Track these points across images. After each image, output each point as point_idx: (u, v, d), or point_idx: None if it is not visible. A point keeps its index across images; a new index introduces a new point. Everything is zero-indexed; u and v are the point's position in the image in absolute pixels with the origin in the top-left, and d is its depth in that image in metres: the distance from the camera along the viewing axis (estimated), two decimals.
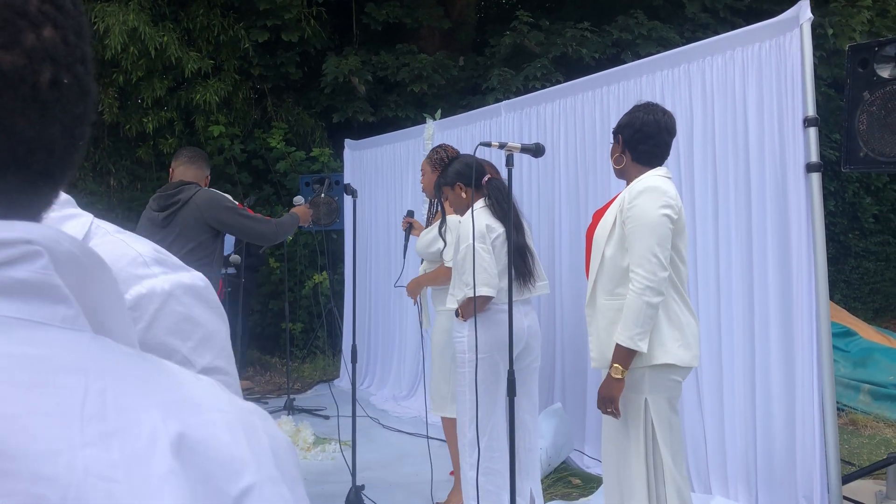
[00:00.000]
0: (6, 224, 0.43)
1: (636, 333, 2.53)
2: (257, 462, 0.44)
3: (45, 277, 0.43)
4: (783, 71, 3.54)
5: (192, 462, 0.41)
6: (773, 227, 3.57)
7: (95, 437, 0.39)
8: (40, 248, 0.43)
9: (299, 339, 8.10)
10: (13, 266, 0.42)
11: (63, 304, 0.44)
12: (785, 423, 3.50)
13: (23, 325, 0.42)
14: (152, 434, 0.41)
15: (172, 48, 7.27)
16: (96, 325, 0.47)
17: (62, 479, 0.37)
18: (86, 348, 0.43)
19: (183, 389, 0.45)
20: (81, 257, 0.46)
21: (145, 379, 0.44)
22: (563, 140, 4.73)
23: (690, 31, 8.42)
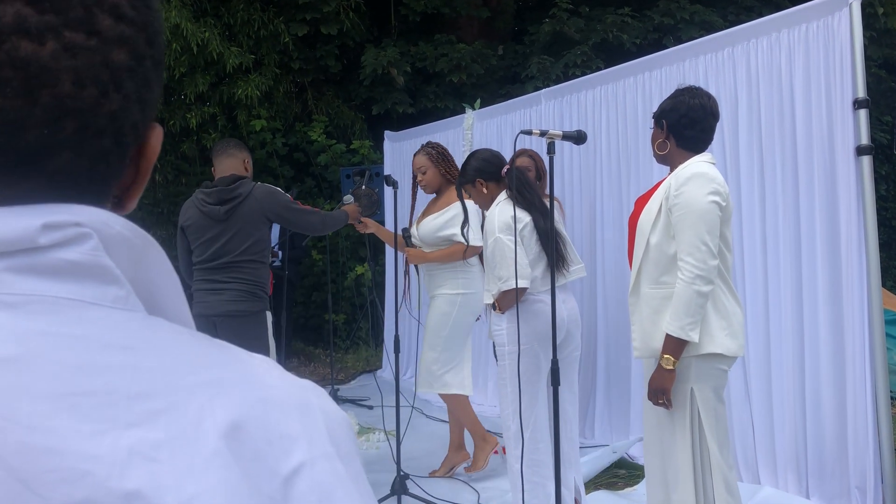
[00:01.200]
0: (56, 207, 0.43)
1: (687, 323, 2.50)
2: (309, 439, 0.44)
3: (95, 259, 0.44)
4: (831, 52, 3.45)
5: (240, 441, 0.41)
6: (821, 213, 3.48)
7: (141, 417, 0.40)
8: (90, 231, 0.44)
9: (342, 330, 8.17)
10: (64, 248, 0.43)
11: (114, 284, 0.44)
12: (836, 412, 3.43)
13: (73, 305, 0.42)
14: (199, 413, 0.41)
15: (214, 44, 7.36)
16: (150, 305, 0.48)
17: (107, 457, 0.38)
18: (136, 328, 0.44)
19: (234, 367, 0.45)
20: (133, 238, 0.46)
21: (196, 358, 0.44)
22: (605, 127, 4.68)
23: (734, 14, 8.26)
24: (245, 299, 3.52)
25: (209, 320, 3.53)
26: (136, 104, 0.48)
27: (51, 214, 0.43)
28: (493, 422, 5.23)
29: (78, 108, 0.44)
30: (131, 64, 0.47)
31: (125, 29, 0.46)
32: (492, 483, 3.99)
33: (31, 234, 0.42)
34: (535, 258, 3.30)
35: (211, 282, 3.56)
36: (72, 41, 0.43)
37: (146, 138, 0.51)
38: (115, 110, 0.46)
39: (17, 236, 0.42)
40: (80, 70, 0.44)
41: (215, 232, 3.57)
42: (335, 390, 5.99)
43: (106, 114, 0.45)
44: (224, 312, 3.49)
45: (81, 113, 0.44)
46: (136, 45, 0.47)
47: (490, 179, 3.42)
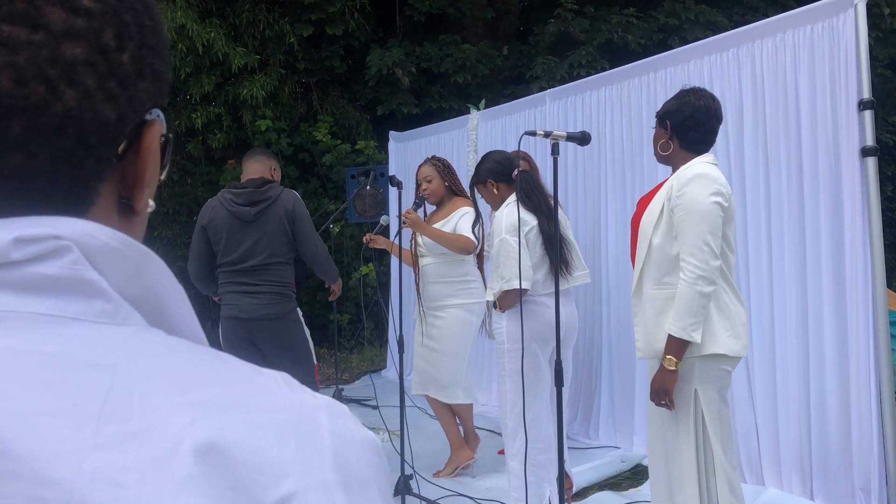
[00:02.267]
0: (33, 220, 0.42)
1: (690, 324, 2.49)
2: (305, 466, 0.41)
3: (75, 272, 0.42)
4: (836, 53, 3.44)
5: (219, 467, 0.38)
6: (826, 214, 3.48)
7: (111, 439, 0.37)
8: (69, 243, 0.42)
9: (347, 330, 8.18)
10: (40, 262, 0.41)
11: (99, 298, 0.42)
12: (840, 413, 3.42)
13: (50, 321, 0.40)
14: (177, 436, 0.38)
15: (219, 44, 7.38)
16: (155, 317, 0.46)
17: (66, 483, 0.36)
18: (121, 343, 0.41)
19: (230, 386, 0.42)
20: (124, 250, 0.44)
21: (186, 376, 0.41)
22: (609, 128, 4.68)
23: (739, 15, 8.24)
24: (278, 301, 3.62)
25: (243, 324, 3.60)
26: (103, 101, 0.45)
27: (24, 228, 0.41)
28: (497, 422, 5.24)
29: (21, 106, 0.42)
30: (91, 58, 0.44)
31: (81, 22, 0.44)
32: (495, 483, 3.99)
33: (3, 249, 0.40)
34: (538, 261, 3.35)
35: (241, 284, 3.61)
36: (10, 36, 0.41)
37: (139, 135, 0.49)
38: (72, 107, 0.43)
39: None
40: (20, 66, 0.41)
41: (244, 233, 3.62)
42: (340, 390, 6.00)
43: (59, 112, 0.43)
44: (261, 316, 3.57)
45: (26, 111, 0.42)
46: (99, 38, 0.45)
47: (501, 181, 3.50)
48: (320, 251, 3.78)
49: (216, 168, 8.28)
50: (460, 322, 4.00)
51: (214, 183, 8.15)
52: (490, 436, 4.95)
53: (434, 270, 4.01)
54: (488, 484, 3.99)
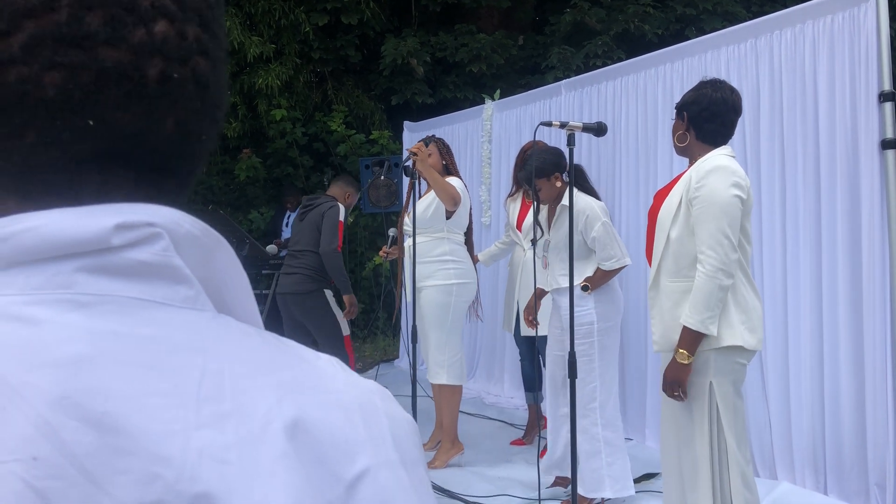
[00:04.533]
0: (130, 207, 0.44)
1: (707, 317, 2.48)
2: (374, 445, 0.44)
3: (165, 259, 0.44)
4: (857, 44, 3.40)
5: (306, 444, 0.41)
6: (843, 207, 3.44)
7: (210, 419, 0.40)
8: (161, 231, 0.44)
9: (360, 319, 8.20)
10: (136, 248, 0.43)
11: (184, 284, 0.44)
12: (854, 408, 3.40)
13: (143, 305, 0.42)
14: (267, 416, 0.41)
15: (235, 33, 7.39)
16: (219, 304, 0.47)
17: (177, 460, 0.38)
18: (205, 328, 0.44)
19: (302, 369, 0.45)
20: (202, 238, 0.47)
21: (264, 359, 0.44)
22: (625, 119, 4.65)
23: (758, 5, 8.16)
24: (304, 281, 4.51)
25: (282, 298, 4.60)
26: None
27: (125, 214, 0.43)
28: (509, 413, 5.25)
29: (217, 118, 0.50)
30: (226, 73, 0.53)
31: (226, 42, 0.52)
32: (505, 472, 4.00)
33: (105, 234, 0.42)
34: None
35: (287, 266, 4.62)
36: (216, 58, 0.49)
37: None
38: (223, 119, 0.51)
39: (90, 237, 0.42)
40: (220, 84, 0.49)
41: (296, 228, 4.69)
42: None
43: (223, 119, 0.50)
44: (292, 291, 4.53)
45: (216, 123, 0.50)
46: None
47: (563, 173, 3.60)
48: (331, 247, 4.43)
49: (231, 157, 8.31)
50: (434, 303, 4.06)
51: (229, 172, 8.18)
52: (503, 427, 4.96)
53: (418, 250, 4.03)
54: (500, 473, 4.00)
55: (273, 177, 8.26)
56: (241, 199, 8.25)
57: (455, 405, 4.18)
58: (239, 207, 8.22)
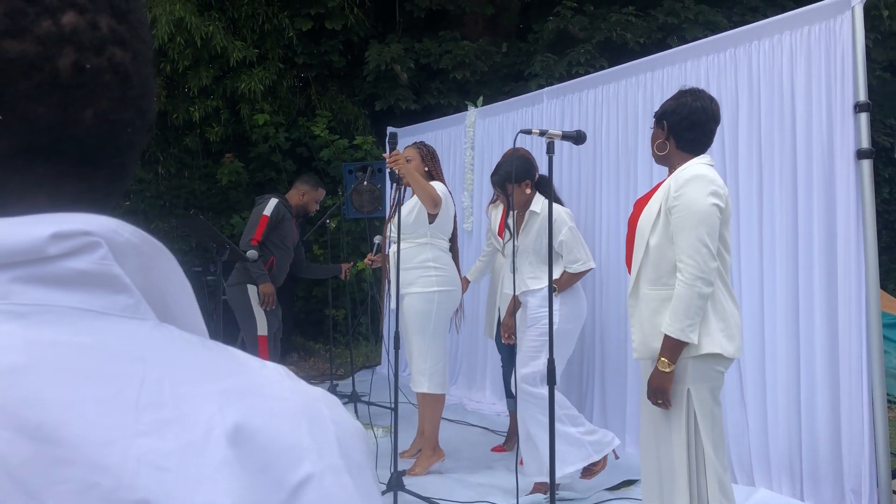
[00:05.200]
0: (65, 216, 0.43)
1: (687, 325, 2.50)
2: (318, 451, 0.44)
3: (103, 268, 0.43)
4: (833, 55, 3.45)
5: (249, 451, 0.41)
6: (819, 215, 3.49)
7: (150, 426, 0.39)
8: (99, 239, 0.43)
9: (342, 325, 8.18)
10: (73, 257, 0.42)
11: (123, 293, 0.44)
12: (830, 414, 3.43)
13: (82, 315, 0.42)
14: (208, 423, 0.41)
15: (218, 37, 7.37)
16: (162, 312, 0.47)
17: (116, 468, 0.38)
18: (146, 337, 0.44)
19: (245, 377, 0.45)
20: (142, 245, 0.46)
21: (206, 367, 0.44)
22: (606, 127, 4.68)
23: (739, 15, 8.24)
24: (234, 275, 4.86)
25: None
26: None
27: (60, 224, 0.43)
28: (490, 419, 5.25)
29: (144, 108, 0.49)
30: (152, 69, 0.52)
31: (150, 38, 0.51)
32: (486, 479, 4.01)
33: (40, 244, 0.42)
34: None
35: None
36: (136, 49, 0.48)
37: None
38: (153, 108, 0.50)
39: (25, 246, 0.41)
40: (144, 73, 0.49)
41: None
42: (334, 385, 6.00)
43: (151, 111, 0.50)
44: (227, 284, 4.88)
45: (145, 113, 0.49)
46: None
47: (533, 180, 3.74)
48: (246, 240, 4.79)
49: (214, 161, 8.28)
50: (416, 311, 4.05)
51: (211, 176, 8.15)
52: (484, 433, 4.96)
53: (401, 256, 4.03)
54: (481, 480, 4.00)
55: (256, 181, 8.23)
56: (224, 204, 8.21)
57: (437, 413, 4.18)
58: (221, 212, 8.19)
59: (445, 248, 4.16)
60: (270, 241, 4.90)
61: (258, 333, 4.77)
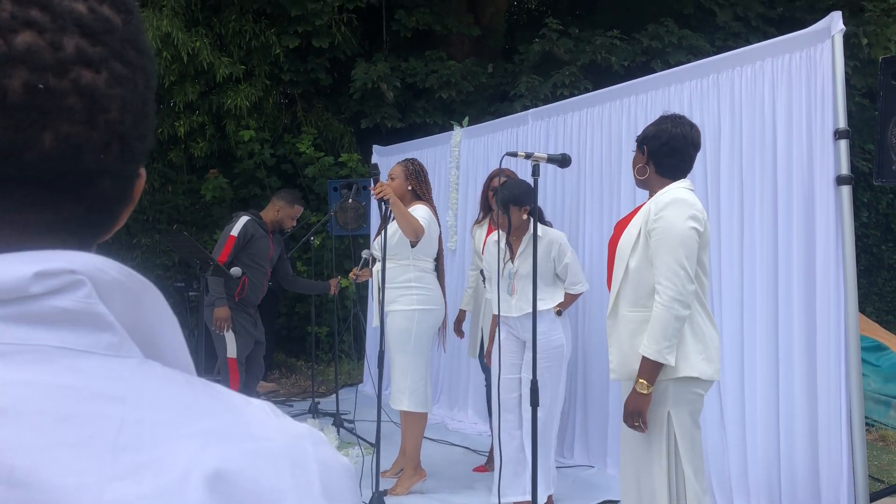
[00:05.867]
0: (51, 254, 0.43)
1: (665, 347, 2.52)
2: (299, 492, 0.43)
3: (88, 306, 0.43)
4: (813, 82, 3.50)
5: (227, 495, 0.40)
6: (798, 240, 3.53)
7: (127, 470, 0.39)
8: (83, 277, 0.43)
9: (325, 342, 8.15)
10: (56, 296, 0.42)
11: (107, 331, 0.44)
12: (809, 437, 3.46)
13: (64, 353, 0.42)
14: (187, 466, 0.40)
15: (204, 53, 7.37)
16: (149, 349, 0.47)
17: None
18: (128, 375, 0.43)
19: (228, 416, 0.44)
20: (128, 283, 0.46)
21: (189, 406, 0.44)
22: (590, 149, 4.72)
23: (721, 40, 8.36)
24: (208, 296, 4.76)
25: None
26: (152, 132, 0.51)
27: (44, 262, 0.42)
28: (472, 439, 5.24)
29: (122, 133, 0.47)
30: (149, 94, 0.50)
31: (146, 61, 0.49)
32: (467, 499, 4.00)
33: (24, 282, 0.41)
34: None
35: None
36: (117, 71, 0.47)
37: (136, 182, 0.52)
38: (146, 135, 0.49)
39: (8, 285, 0.41)
40: (124, 97, 0.47)
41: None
42: (316, 403, 5.97)
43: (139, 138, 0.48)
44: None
45: (124, 138, 0.47)
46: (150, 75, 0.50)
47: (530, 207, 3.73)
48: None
49: (198, 177, 8.25)
50: (397, 329, 4.06)
51: (195, 192, 8.12)
52: (466, 453, 4.95)
53: (386, 275, 4.03)
54: (462, 500, 3.99)
55: (240, 197, 8.21)
56: (207, 219, 8.18)
57: (419, 432, 4.17)
58: (205, 227, 8.15)
59: (429, 268, 4.16)
60: (240, 260, 4.84)
61: (227, 355, 4.75)
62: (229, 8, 8.03)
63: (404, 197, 4.16)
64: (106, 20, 0.47)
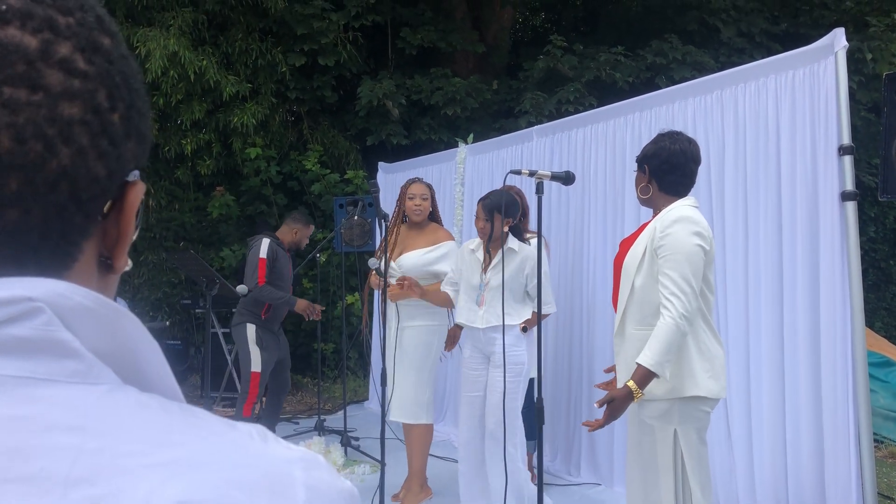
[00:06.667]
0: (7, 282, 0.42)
1: (665, 360, 2.52)
2: None
3: (47, 333, 0.41)
4: (817, 99, 3.51)
5: None
6: (803, 256, 3.52)
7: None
8: (41, 304, 0.42)
9: (331, 359, 8.15)
10: (13, 324, 0.41)
11: (72, 358, 0.42)
12: (816, 454, 3.43)
13: (22, 383, 0.40)
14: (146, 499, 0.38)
15: (211, 72, 7.42)
16: (129, 375, 0.45)
17: None
18: (92, 404, 0.41)
19: (203, 445, 0.42)
20: (98, 309, 0.44)
21: (158, 435, 0.41)
22: (594, 166, 4.73)
23: (725, 56, 8.39)
24: (236, 315, 4.97)
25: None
26: (95, 158, 0.46)
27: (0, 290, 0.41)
28: None
29: (20, 163, 0.43)
30: (86, 118, 0.45)
31: (77, 83, 0.45)
32: None
33: None
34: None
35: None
36: (11, 97, 0.43)
37: (122, 194, 0.50)
38: (67, 164, 0.44)
39: None
40: (20, 126, 0.43)
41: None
42: (322, 420, 5.96)
43: (55, 168, 0.44)
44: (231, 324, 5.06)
45: (24, 168, 0.43)
46: (93, 98, 0.46)
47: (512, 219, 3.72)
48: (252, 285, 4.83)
49: (204, 194, 8.29)
50: (420, 343, 4.09)
51: (202, 209, 8.15)
52: None
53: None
54: None
55: (246, 214, 8.24)
56: (214, 237, 8.21)
57: (427, 447, 4.20)
58: (211, 244, 8.18)
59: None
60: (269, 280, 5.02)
61: (251, 370, 4.89)
62: (236, 27, 8.10)
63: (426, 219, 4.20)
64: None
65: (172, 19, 7.51)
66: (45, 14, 0.45)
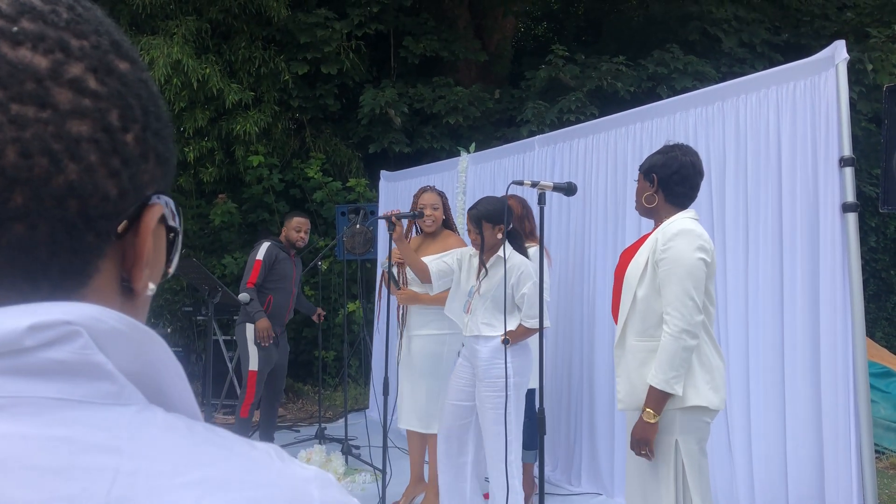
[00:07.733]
0: (47, 306, 0.43)
1: (672, 377, 2.52)
2: None
3: (84, 356, 0.43)
4: (818, 110, 3.52)
5: None
6: (804, 267, 3.52)
7: None
8: (79, 328, 0.43)
9: (332, 367, 8.15)
10: (52, 347, 0.42)
11: (106, 380, 0.44)
12: (817, 465, 3.43)
13: (60, 405, 0.42)
14: None
15: (214, 80, 7.45)
16: (154, 396, 0.47)
17: None
18: (126, 425, 0.43)
19: (229, 464, 0.44)
20: (130, 332, 0.46)
21: (188, 454, 0.43)
22: (595, 175, 4.74)
23: (727, 66, 8.41)
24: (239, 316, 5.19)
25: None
26: (105, 176, 0.46)
27: (39, 314, 0.42)
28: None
29: (25, 178, 0.43)
30: (96, 136, 0.46)
31: (87, 102, 0.46)
32: None
33: (17, 336, 0.41)
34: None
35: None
36: (19, 114, 0.43)
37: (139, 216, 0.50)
38: (74, 180, 0.45)
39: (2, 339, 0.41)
40: (26, 141, 0.43)
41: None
42: (323, 429, 5.96)
43: (61, 184, 0.44)
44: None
45: (29, 182, 0.43)
46: (104, 117, 0.47)
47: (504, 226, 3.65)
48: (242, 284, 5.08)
49: (207, 202, 8.31)
50: (429, 352, 4.11)
51: (204, 216, 8.17)
52: None
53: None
54: None
55: (248, 222, 8.26)
56: (216, 244, 8.23)
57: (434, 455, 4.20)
58: (213, 252, 8.20)
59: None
60: (268, 282, 5.18)
61: (249, 368, 5.03)
62: (239, 35, 8.13)
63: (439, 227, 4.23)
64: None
65: (176, 27, 7.55)
66: (58, 36, 0.46)
